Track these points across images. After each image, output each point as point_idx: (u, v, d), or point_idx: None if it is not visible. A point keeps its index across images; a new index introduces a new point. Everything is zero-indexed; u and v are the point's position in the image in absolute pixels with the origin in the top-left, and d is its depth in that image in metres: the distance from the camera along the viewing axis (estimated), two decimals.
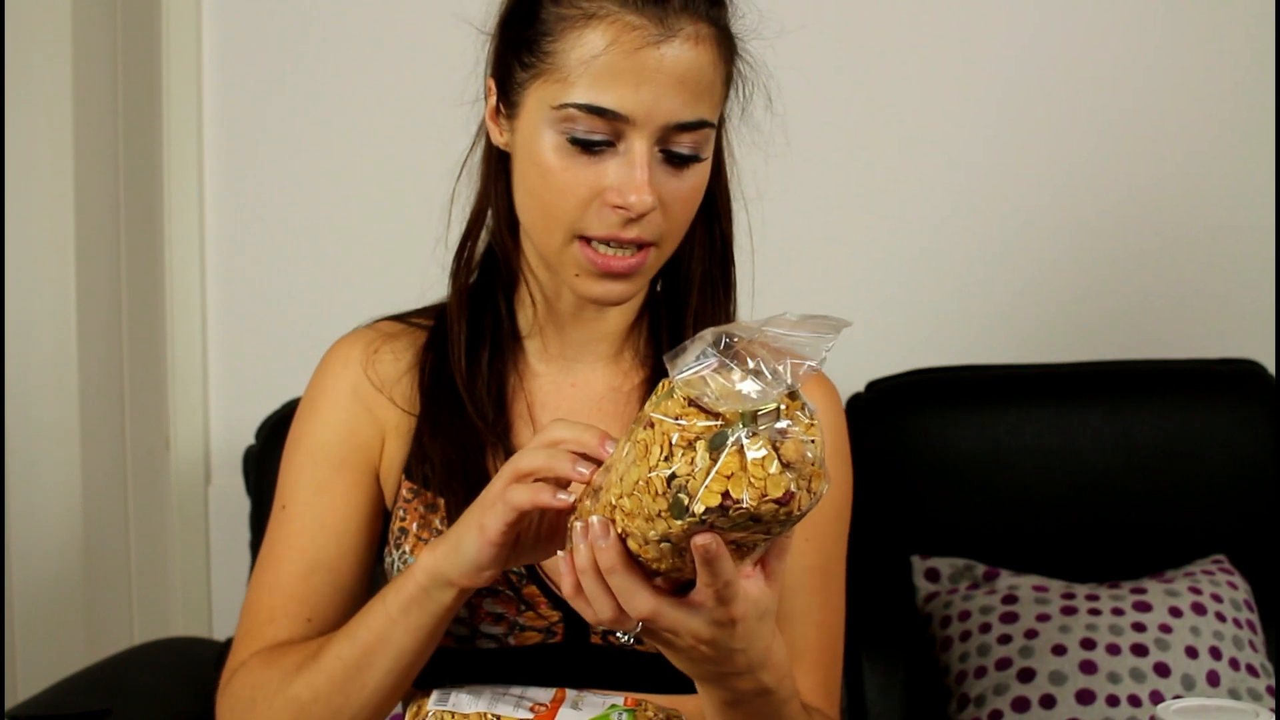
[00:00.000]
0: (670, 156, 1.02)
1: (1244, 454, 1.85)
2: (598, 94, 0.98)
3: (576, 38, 0.99)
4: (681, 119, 1.00)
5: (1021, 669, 1.69)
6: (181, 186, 2.15)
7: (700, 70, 1.00)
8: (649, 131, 0.99)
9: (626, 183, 1.00)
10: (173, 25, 2.12)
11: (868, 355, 2.09)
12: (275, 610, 1.12)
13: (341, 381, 1.16)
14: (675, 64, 0.98)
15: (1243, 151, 2.15)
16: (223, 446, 2.18)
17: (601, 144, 1.00)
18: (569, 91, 0.99)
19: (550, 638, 1.10)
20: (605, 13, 0.98)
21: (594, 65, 0.98)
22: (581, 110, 0.99)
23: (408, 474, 1.14)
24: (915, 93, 2.15)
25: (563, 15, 1.00)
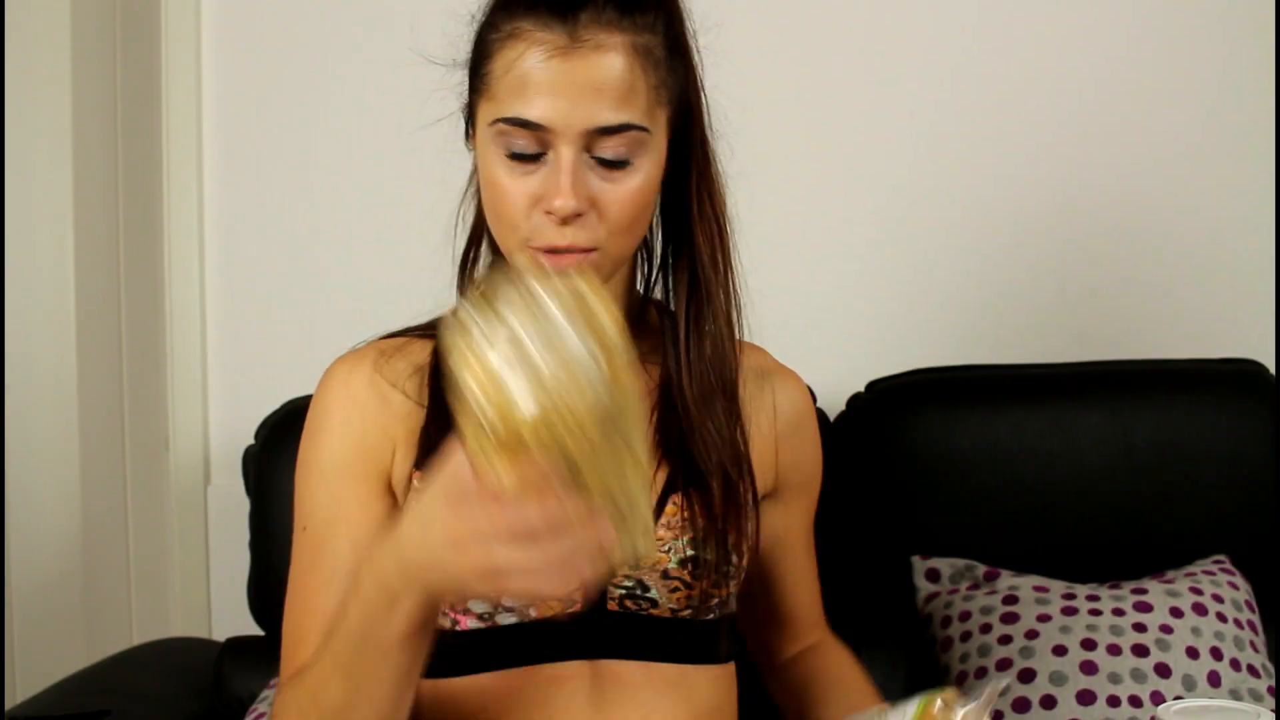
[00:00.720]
0: (601, 161, 1.07)
1: (1244, 454, 1.85)
2: (519, 106, 1.05)
3: (502, 56, 1.07)
4: (600, 123, 1.05)
5: (1022, 669, 1.69)
6: (181, 186, 2.15)
7: (615, 76, 1.05)
8: (571, 139, 1.05)
9: (552, 188, 1.06)
10: (172, 25, 2.12)
11: (868, 355, 2.09)
12: (305, 631, 1.15)
13: (344, 397, 1.19)
14: (587, 71, 1.04)
15: (1243, 151, 2.15)
16: (222, 446, 2.18)
17: (534, 155, 1.07)
18: (499, 107, 1.07)
19: (569, 606, 1.13)
20: (521, 30, 1.05)
21: (513, 79, 1.06)
22: (509, 124, 1.06)
23: (419, 467, 1.16)
24: (916, 93, 2.15)
25: (493, 38, 1.08)
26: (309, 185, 2.17)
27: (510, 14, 1.07)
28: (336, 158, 2.16)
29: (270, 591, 1.83)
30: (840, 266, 2.16)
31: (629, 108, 1.06)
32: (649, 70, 1.08)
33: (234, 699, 1.80)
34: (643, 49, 1.07)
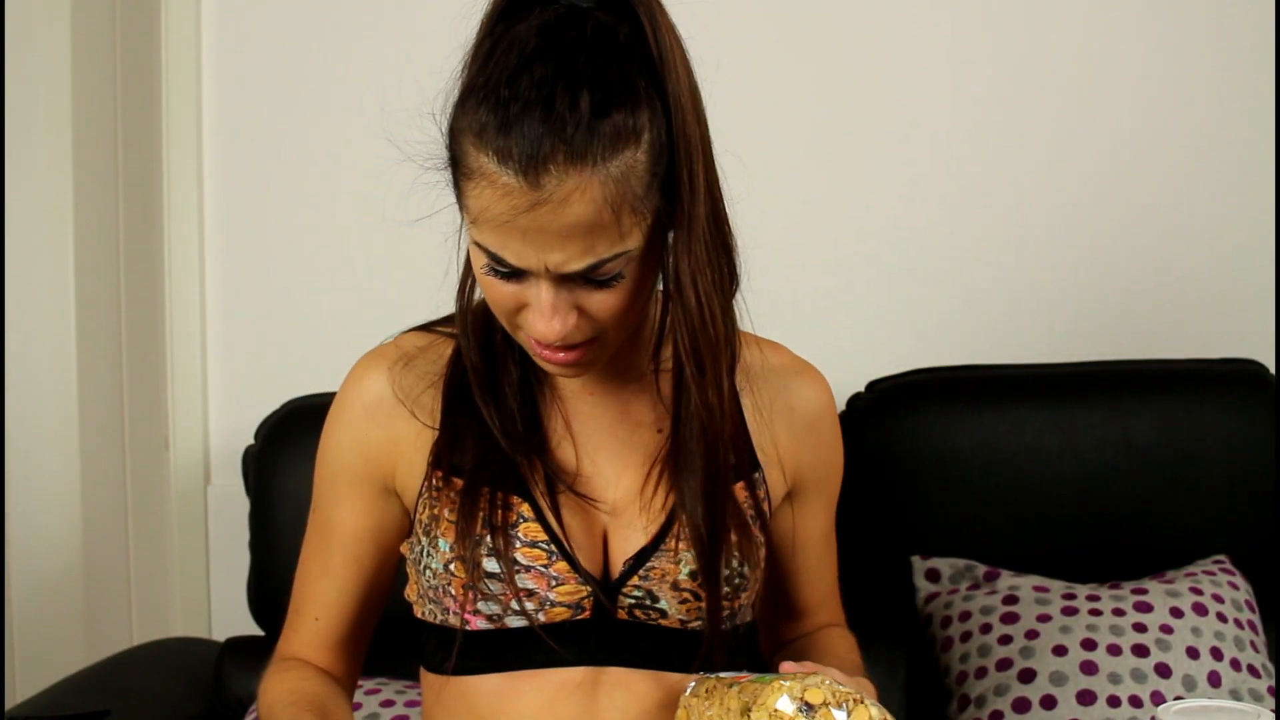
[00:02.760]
0: (586, 281, 1.03)
1: (1244, 454, 1.85)
2: (494, 246, 1.01)
3: (473, 191, 1.00)
4: (572, 269, 1.00)
5: (1022, 669, 1.69)
6: (181, 186, 2.15)
7: (586, 219, 0.98)
8: (546, 277, 1.02)
9: (535, 320, 1.04)
10: (172, 25, 2.12)
11: (868, 355, 2.09)
12: (300, 606, 1.25)
13: (356, 399, 1.21)
14: (554, 222, 0.98)
15: (1243, 151, 2.15)
16: (222, 447, 2.18)
17: (512, 275, 1.03)
18: (477, 232, 1.02)
19: (579, 613, 1.13)
20: (485, 171, 0.99)
21: (483, 219, 1.00)
22: (485, 253, 1.02)
23: (435, 464, 1.17)
24: (915, 93, 2.15)
25: (462, 158, 1.01)
26: (309, 185, 2.17)
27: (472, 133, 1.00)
28: (336, 158, 2.16)
29: (270, 591, 1.83)
30: (840, 266, 2.16)
31: (604, 243, 1.00)
32: (626, 196, 1.00)
33: (234, 699, 1.80)
34: (616, 178, 0.98)
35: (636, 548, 1.14)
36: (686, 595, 1.14)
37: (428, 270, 2.26)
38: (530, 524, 1.13)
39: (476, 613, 1.13)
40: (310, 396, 1.89)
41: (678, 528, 1.14)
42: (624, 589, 1.14)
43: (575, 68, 0.98)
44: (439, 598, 1.15)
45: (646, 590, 1.14)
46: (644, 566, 1.14)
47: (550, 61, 0.98)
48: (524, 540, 1.12)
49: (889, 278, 2.16)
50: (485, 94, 0.99)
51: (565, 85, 0.97)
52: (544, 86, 0.97)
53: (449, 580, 1.13)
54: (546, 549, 1.12)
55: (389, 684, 1.69)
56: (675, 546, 1.14)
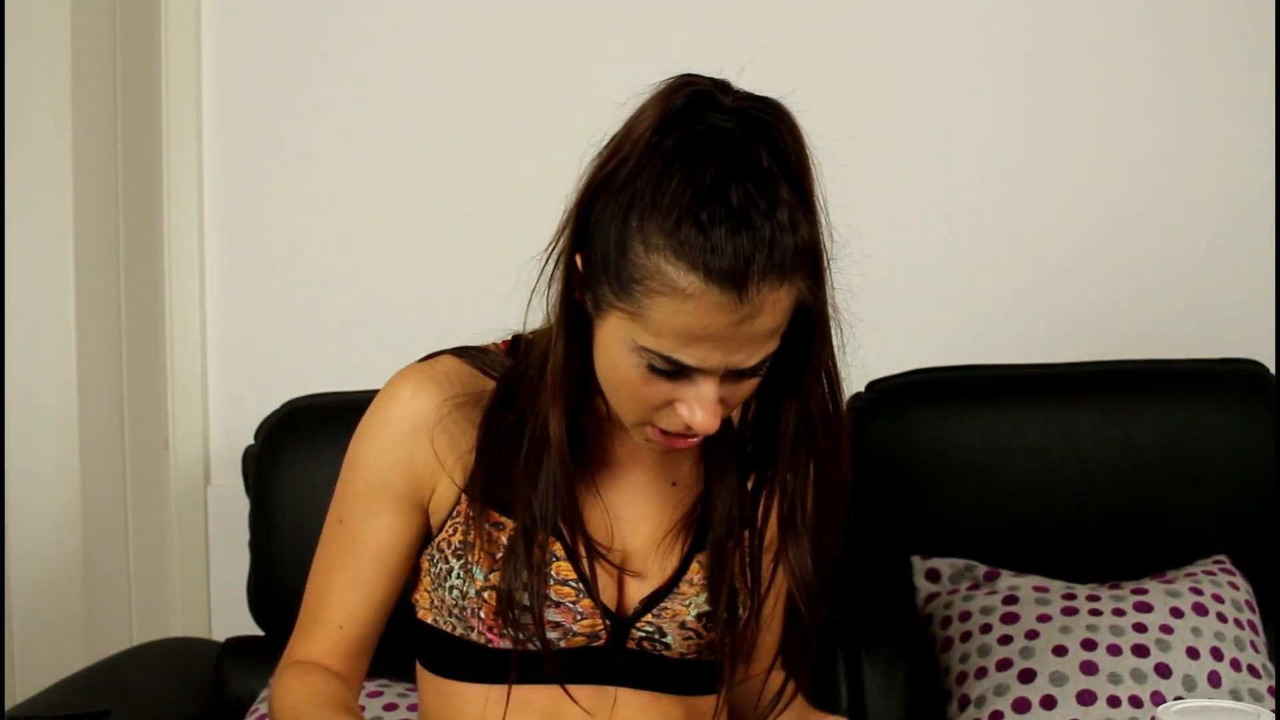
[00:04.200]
0: (737, 375, 1.10)
1: (1244, 454, 1.85)
2: (679, 352, 1.06)
3: (665, 304, 1.05)
4: (748, 365, 1.09)
5: (1022, 670, 1.69)
6: (181, 187, 2.15)
7: (775, 326, 1.08)
8: (716, 375, 1.09)
9: (693, 414, 1.10)
10: (172, 25, 2.12)
11: (868, 355, 2.07)
12: (319, 613, 1.25)
13: (404, 416, 1.22)
14: (752, 331, 1.06)
15: (1243, 152, 2.15)
16: (222, 446, 2.18)
17: (676, 373, 1.09)
18: (651, 339, 1.07)
19: (594, 642, 1.21)
20: (692, 290, 1.04)
21: (674, 330, 1.06)
22: (663, 358, 1.07)
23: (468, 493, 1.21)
24: (915, 94, 2.15)
25: (654, 275, 1.05)
26: (309, 185, 2.17)
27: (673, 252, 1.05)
28: (337, 158, 2.16)
29: (270, 591, 1.83)
30: (840, 267, 2.15)
31: (774, 341, 1.10)
32: (796, 309, 1.10)
33: (234, 699, 1.80)
34: (799, 296, 1.09)
35: (651, 589, 1.22)
36: (691, 633, 1.23)
37: (427, 270, 2.26)
38: (562, 563, 1.19)
39: (503, 635, 1.19)
40: (310, 396, 1.89)
41: (690, 574, 1.22)
42: (636, 624, 1.22)
43: (764, 191, 1.06)
44: (465, 617, 1.21)
45: (657, 627, 1.22)
46: (657, 607, 1.22)
47: (741, 184, 1.05)
48: (556, 578, 1.19)
49: (889, 278, 2.15)
50: (681, 214, 1.04)
51: (761, 208, 1.05)
52: (744, 209, 1.04)
53: (480, 605, 1.19)
54: (576, 587, 1.20)
55: (391, 686, 1.68)
56: (687, 591, 1.22)
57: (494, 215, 2.13)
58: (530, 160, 2.03)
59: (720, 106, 1.09)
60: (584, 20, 2.14)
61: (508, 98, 2.12)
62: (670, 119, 1.08)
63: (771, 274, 1.05)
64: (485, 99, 2.12)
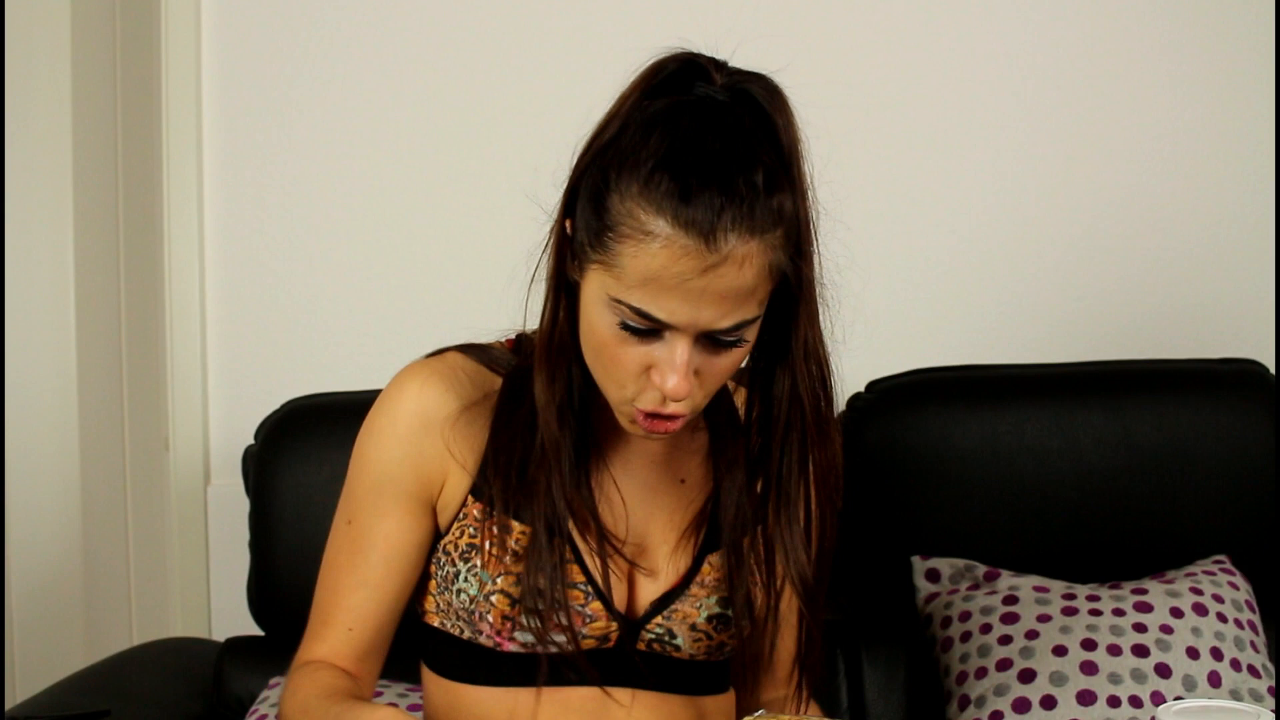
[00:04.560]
0: (712, 342, 1.10)
1: (1244, 454, 1.85)
2: (645, 302, 1.06)
3: (635, 248, 1.06)
4: (721, 326, 1.08)
5: (1022, 670, 1.69)
6: (181, 187, 2.14)
7: (744, 285, 1.06)
8: (690, 334, 1.08)
9: (666, 375, 1.09)
10: (172, 25, 2.12)
11: (868, 355, 2.08)
12: (329, 615, 1.24)
13: (413, 412, 1.21)
14: (720, 285, 1.05)
15: (1243, 152, 2.15)
16: (222, 447, 2.18)
17: (649, 333, 1.08)
18: (624, 292, 1.07)
19: (604, 644, 1.21)
20: (660, 232, 1.04)
21: (643, 277, 1.06)
22: (633, 310, 1.07)
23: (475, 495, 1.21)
24: (915, 94, 2.15)
25: (625, 220, 1.06)
26: (309, 185, 2.17)
27: (646, 198, 1.05)
28: (337, 158, 2.16)
29: (270, 591, 1.83)
30: (840, 266, 2.15)
31: (750, 305, 1.09)
32: (775, 264, 1.09)
33: (234, 699, 1.80)
34: (774, 247, 1.08)
35: (661, 591, 1.22)
36: (701, 635, 1.23)
37: (427, 270, 2.26)
38: (571, 565, 1.19)
39: (512, 639, 1.19)
40: (310, 396, 1.89)
41: (701, 575, 1.22)
42: (647, 626, 1.22)
43: (744, 148, 1.07)
44: (473, 620, 1.20)
45: (667, 629, 1.22)
46: (668, 608, 1.22)
47: (718, 140, 1.06)
48: (566, 581, 1.18)
49: (889, 278, 2.16)
50: (657, 162, 1.05)
51: (739, 163, 1.06)
52: (720, 161, 1.05)
53: (489, 609, 1.19)
54: (585, 590, 1.20)
55: (391, 686, 1.68)
56: (698, 593, 1.22)
57: (494, 216, 2.13)
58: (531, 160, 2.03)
59: (710, 79, 1.10)
60: (584, 22, 2.14)
61: (508, 99, 2.12)
62: (660, 86, 1.10)
63: (741, 225, 1.04)
64: (486, 100, 2.12)
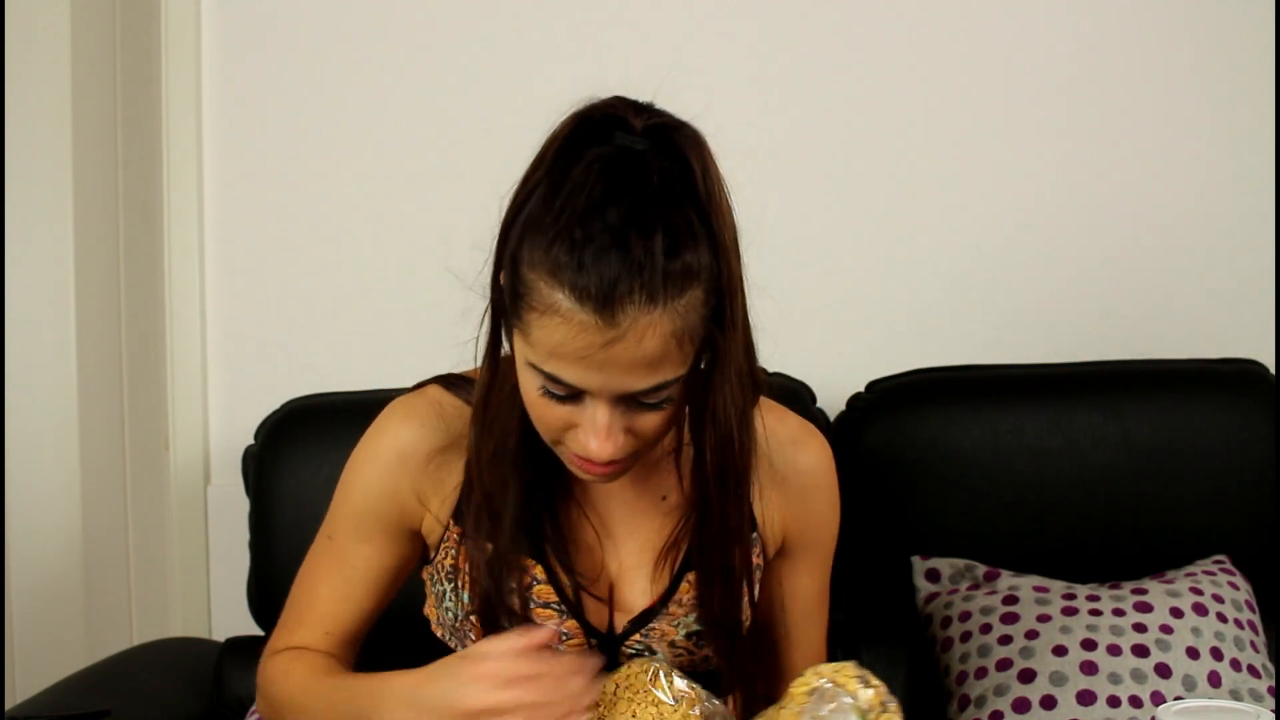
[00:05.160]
0: (636, 404, 1.08)
1: (1244, 454, 1.85)
2: (560, 371, 1.05)
3: (540, 320, 1.04)
4: (635, 389, 1.06)
5: (1022, 670, 1.69)
6: (181, 187, 2.14)
7: (652, 354, 1.04)
8: (606, 398, 1.07)
9: (588, 439, 1.08)
10: (172, 25, 2.12)
11: (868, 355, 2.09)
12: (306, 616, 1.28)
13: (392, 448, 1.24)
14: (625, 356, 1.03)
15: (1243, 152, 2.15)
16: (222, 447, 2.18)
17: (568, 397, 1.08)
18: (535, 356, 1.06)
19: None
20: (559, 306, 1.03)
21: (549, 349, 1.05)
22: (546, 377, 1.07)
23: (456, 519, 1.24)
24: (915, 93, 2.15)
25: (531, 291, 1.05)
26: (309, 185, 2.16)
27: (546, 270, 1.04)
28: (336, 158, 2.16)
29: (270, 591, 1.83)
30: (840, 266, 2.16)
31: (664, 370, 1.06)
32: (688, 329, 1.06)
33: (234, 699, 1.80)
34: (682, 313, 1.05)
35: (639, 609, 1.23)
36: (681, 651, 1.24)
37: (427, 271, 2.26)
38: (543, 586, 1.21)
39: None
40: (310, 396, 1.89)
41: (679, 594, 1.23)
42: (626, 643, 1.23)
43: (645, 212, 1.03)
44: (460, 636, 1.24)
45: (646, 646, 1.23)
46: (646, 627, 1.23)
47: (621, 205, 1.03)
48: (538, 602, 1.21)
49: (889, 278, 2.16)
50: (557, 233, 1.03)
51: (638, 230, 1.02)
52: (618, 230, 1.02)
53: (469, 627, 1.22)
54: (559, 609, 1.21)
55: None
56: (676, 612, 1.23)
57: (495, 217, 2.13)
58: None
59: (630, 127, 1.07)
60: (585, 25, 2.14)
61: (509, 101, 2.12)
62: (578, 138, 1.08)
63: (640, 296, 1.01)
64: (487, 102, 2.12)
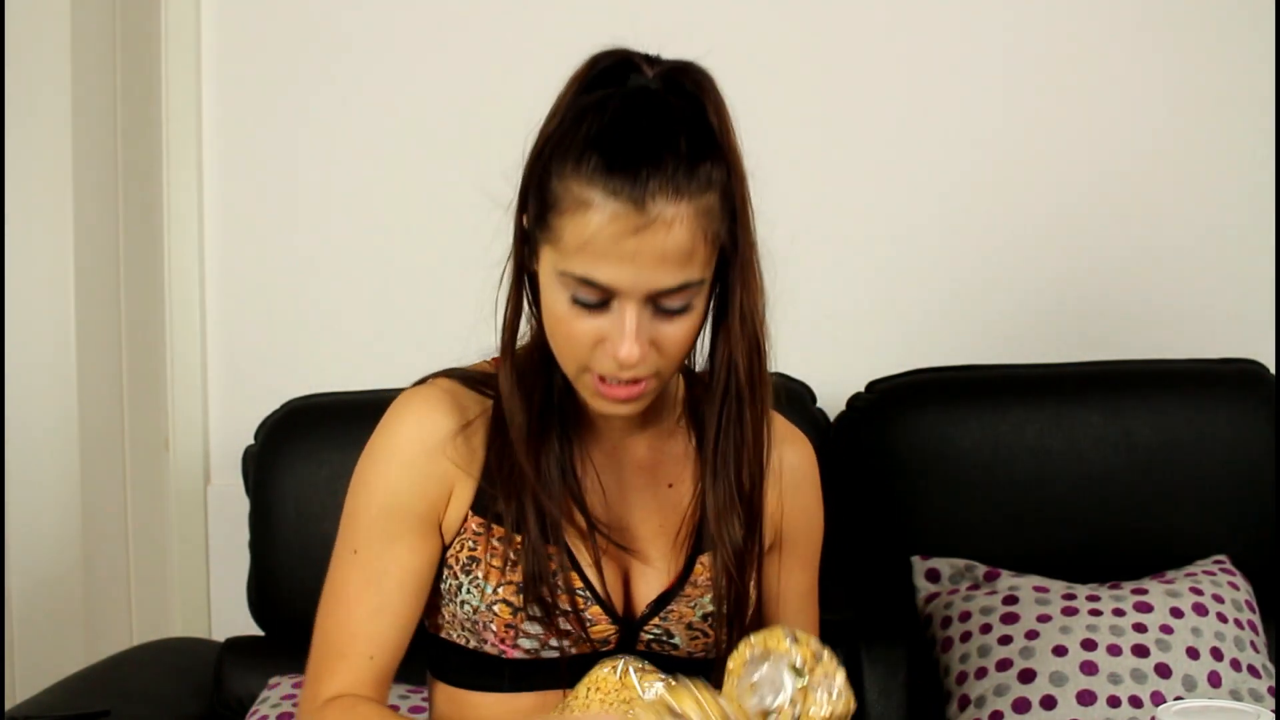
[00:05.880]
0: (661, 310, 1.15)
1: (1244, 454, 1.85)
2: (588, 268, 1.12)
3: (572, 220, 1.13)
4: (664, 286, 1.13)
5: (1022, 670, 1.69)
6: (181, 187, 2.14)
7: (679, 245, 1.12)
8: (636, 298, 1.13)
9: (617, 342, 1.14)
10: (172, 26, 2.12)
11: (868, 355, 2.09)
12: (345, 647, 1.23)
13: (415, 439, 1.24)
14: (654, 246, 1.11)
15: (1243, 152, 2.15)
16: (222, 447, 2.18)
17: (598, 304, 1.14)
18: (567, 261, 1.14)
19: (604, 646, 1.24)
20: (593, 201, 1.12)
21: (583, 244, 1.12)
22: (577, 280, 1.13)
23: (475, 510, 1.24)
24: (915, 92, 2.15)
25: (563, 197, 1.14)
26: (309, 185, 2.17)
27: (579, 175, 1.13)
28: (336, 158, 2.16)
29: (270, 591, 1.83)
30: (840, 266, 2.16)
31: (690, 268, 1.14)
32: (709, 229, 1.14)
33: (234, 699, 1.80)
34: (704, 211, 1.13)
35: (657, 592, 1.25)
36: (698, 633, 1.25)
37: (427, 271, 2.26)
38: (570, 572, 1.22)
39: (515, 645, 1.22)
40: (310, 396, 1.89)
41: (695, 575, 1.25)
42: (645, 627, 1.24)
43: (666, 128, 1.13)
44: (478, 630, 1.22)
45: (664, 629, 1.24)
46: (664, 609, 1.24)
47: (647, 118, 1.14)
48: (563, 588, 1.21)
49: (889, 278, 2.16)
50: (586, 145, 1.13)
51: (662, 138, 1.12)
52: (644, 138, 1.12)
53: (491, 618, 1.21)
54: (583, 595, 1.22)
55: (392, 687, 1.68)
56: (692, 593, 1.24)
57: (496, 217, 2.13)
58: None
59: (642, 72, 1.17)
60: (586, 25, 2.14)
61: (509, 100, 2.12)
62: (594, 80, 1.17)
63: (668, 188, 1.11)
64: (487, 101, 2.12)
